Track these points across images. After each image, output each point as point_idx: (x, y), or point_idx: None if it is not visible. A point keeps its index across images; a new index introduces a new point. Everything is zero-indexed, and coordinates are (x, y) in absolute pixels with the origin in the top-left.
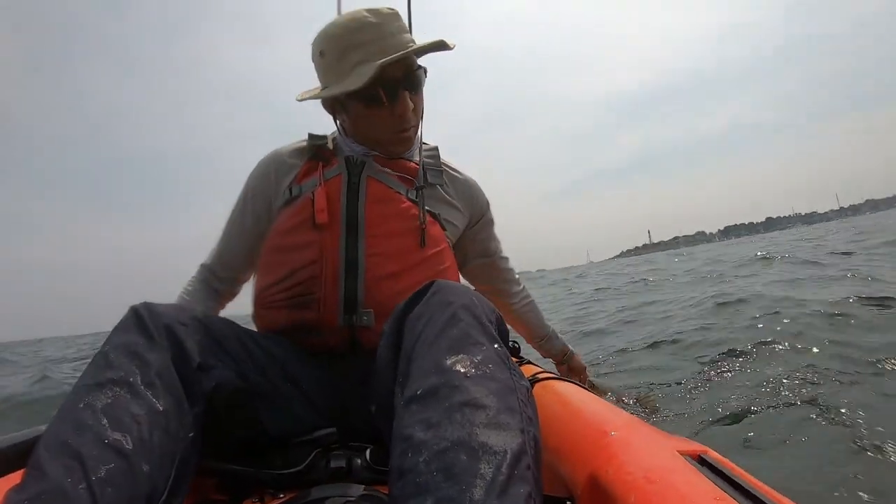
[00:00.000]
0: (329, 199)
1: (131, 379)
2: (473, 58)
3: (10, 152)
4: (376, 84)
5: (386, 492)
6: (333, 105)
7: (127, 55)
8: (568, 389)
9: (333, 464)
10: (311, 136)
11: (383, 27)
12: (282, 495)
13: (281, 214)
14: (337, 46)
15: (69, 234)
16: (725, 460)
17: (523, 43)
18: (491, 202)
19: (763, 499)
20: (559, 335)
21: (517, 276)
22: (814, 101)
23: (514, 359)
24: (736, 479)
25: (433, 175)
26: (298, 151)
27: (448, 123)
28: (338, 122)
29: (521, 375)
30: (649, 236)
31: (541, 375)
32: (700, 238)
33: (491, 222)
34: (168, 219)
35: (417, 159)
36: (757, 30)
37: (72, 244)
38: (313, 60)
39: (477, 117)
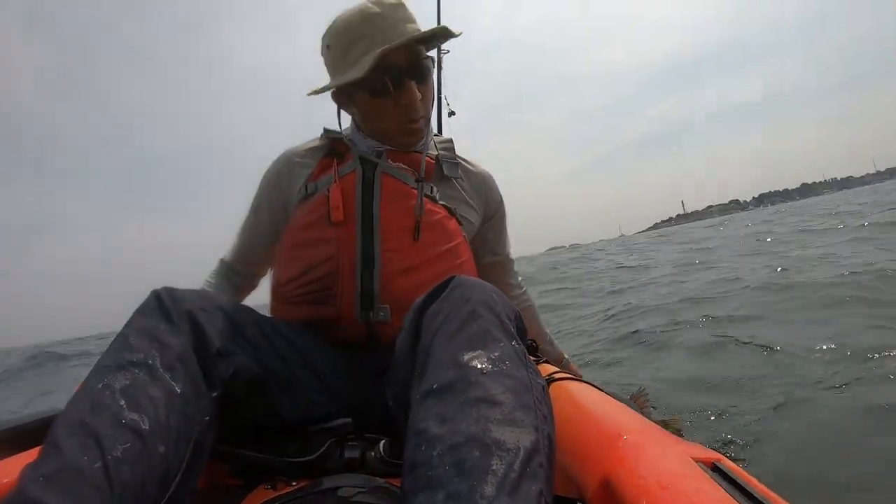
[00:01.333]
0: (344, 196)
1: (150, 361)
2: (499, 37)
3: (38, 153)
4: (380, 73)
5: (398, 485)
6: (342, 98)
7: (150, 54)
8: (584, 391)
9: (348, 454)
10: (326, 130)
11: (387, 17)
12: (294, 483)
13: (297, 211)
14: (342, 39)
15: (100, 232)
16: (739, 469)
17: (546, 15)
18: (520, 179)
19: None
20: (555, 342)
21: (521, 279)
22: (852, 66)
23: (531, 357)
24: (749, 489)
25: (449, 168)
26: (312, 150)
27: (475, 105)
28: (350, 116)
29: (538, 373)
30: (683, 206)
31: (557, 375)
32: (734, 206)
33: (503, 218)
34: (197, 212)
35: (433, 153)
36: None
37: (106, 241)
38: (322, 56)
39: (504, 97)
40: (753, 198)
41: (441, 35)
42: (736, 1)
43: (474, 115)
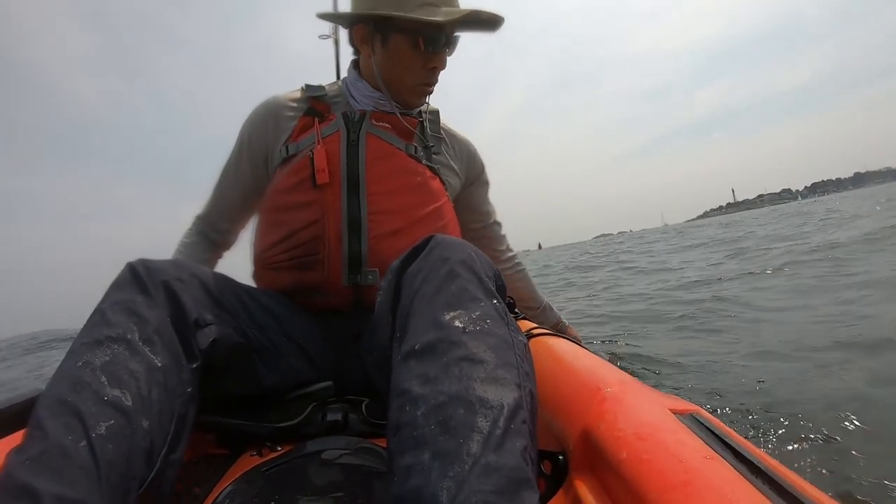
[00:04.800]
0: (329, 157)
1: (129, 336)
2: (544, 21)
3: (92, 142)
4: (432, 29)
5: (382, 444)
6: (368, 34)
7: (196, 46)
8: (563, 346)
9: (330, 417)
10: (307, 86)
11: None
12: (279, 448)
13: (278, 173)
14: None
15: (152, 217)
16: (716, 420)
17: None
18: (561, 165)
19: (750, 458)
20: (553, 307)
21: (510, 244)
22: None
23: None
24: (725, 438)
25: (433, 130)
26: (297, 101)
27: (518, 91)
28: (356, 59)
29: (519, 331)
30: (733, 195)
31: (536, 331)
32: (786, 196)
33: (486, 184)
34: None
35: (416, 116)
36: None
37: (158, 228)
38: None
39: (547, 81)
40: (805, 187)
41: (493, 22)
42: None
43: (516, 101)
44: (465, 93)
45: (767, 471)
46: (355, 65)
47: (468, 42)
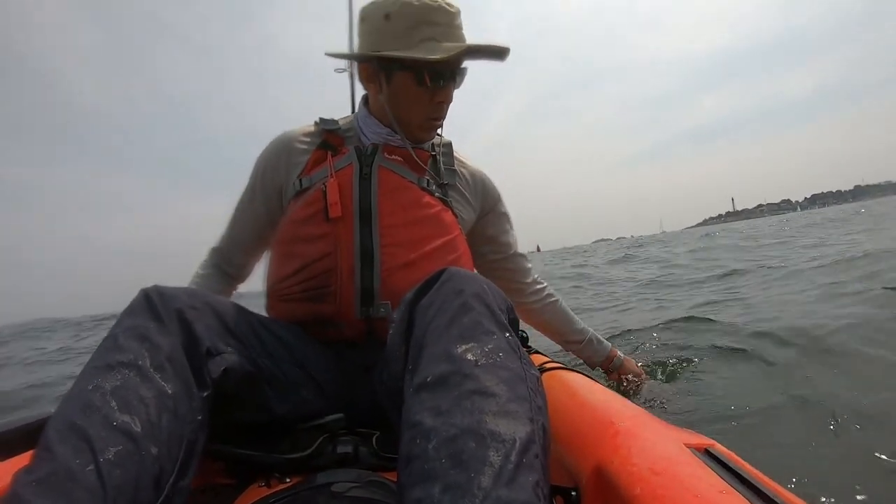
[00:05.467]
0: (341, 190)
1: (140, 362)
2: (550, 22)
3: (92, 134)
4: (436, 66)
5: (392, 478)
6: (375, 72)
7: (198, 42)
8: (576, 380)
9: (340, 449)
10: (321, 120)
11: (455, 17)
12: (288, 480)
13: (291, 205)
14: (410, 16)
15: (152, 211)
16: (732, 454)
17: (595, 2)
18: (565, 169)
19: (768, 493)
20: (602, 339)
21: (537, 276)
22: None
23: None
24: (741, 473)
25: (445, 163)
26: (310, 135)
27: (520, 94)
28: (364, 96)
29: (532, 364)
30: (733, 204)
31: (549, 365)
32: (785, 206)
33: (503, 216)
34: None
35: (429, 150)
36: None
37: (156, 221)
38: (367, 23)
39: (551, 85)
40: (805, 198)
41: (497, 52)
42: None
43: (516, 105)
44: (467, 96)
45: None
46: (365, 101)
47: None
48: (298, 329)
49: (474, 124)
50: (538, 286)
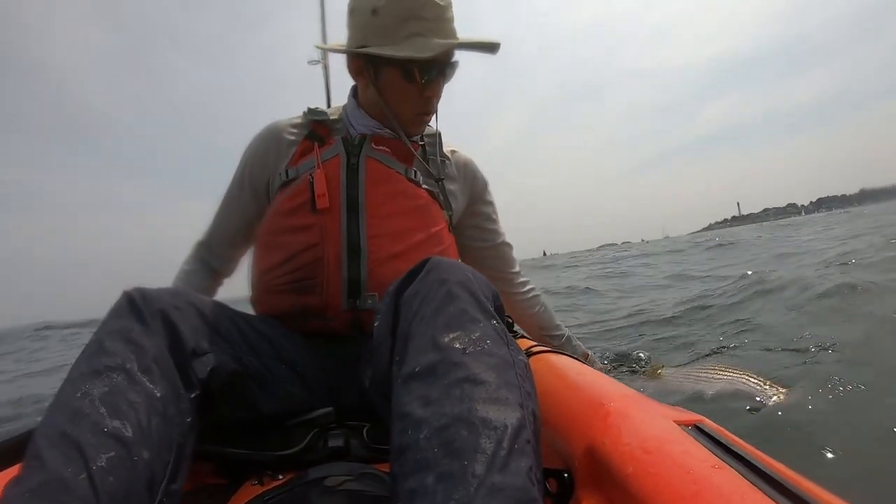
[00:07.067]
0: (328, 181)
1: (128, 365)
2: (550, 35)
3: (101, 139)
4: (424, 61)
5: (385, 469)
6: (363, 67)
7: (207, 49)
8: (564, 362)
9: (331, 443)
10: (309, 110)
11: (445, 11)
12: (281, 476)
13: (278, 196)
14: (399, 11)
15: (155, 216)
16: (721, 428)
17: (604, 10)
18: (568, 179)
19: (759, 465)
20: (575, 338)
21: (519, 269)
22: None
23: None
24: (731, 447)
25: (432, 153)
26: (297, 126)
27: (524, 104)
28: (354, 89)
29: (519, 350)
30: (738, 208)
31: (536, 349)
32: (791, 210)
33: (490, 204)
34: None
35: (418, 141)
36: None
37: (159, 226)
38: (355, 16)
39: (554, 96)
40: (811, 202)
41: (487, 47)
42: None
43: (525, 114)
44: (474, 105)
45: (777, 477)
46: (354, 92)
47: (475, 57)
48: (281, 325)
49: (478, 137)
50: (522, 279)
